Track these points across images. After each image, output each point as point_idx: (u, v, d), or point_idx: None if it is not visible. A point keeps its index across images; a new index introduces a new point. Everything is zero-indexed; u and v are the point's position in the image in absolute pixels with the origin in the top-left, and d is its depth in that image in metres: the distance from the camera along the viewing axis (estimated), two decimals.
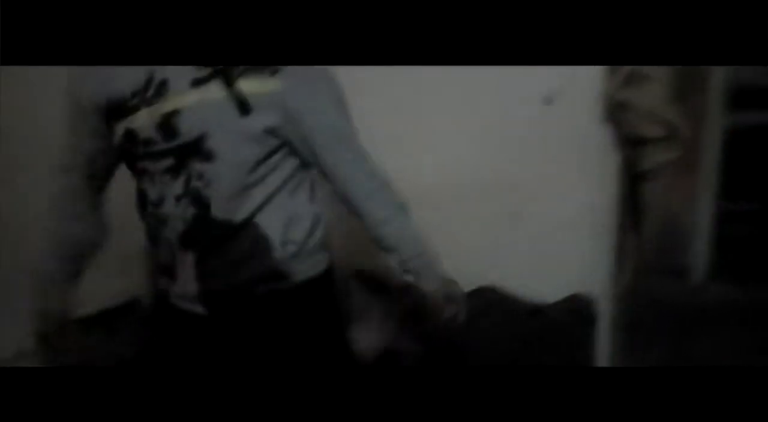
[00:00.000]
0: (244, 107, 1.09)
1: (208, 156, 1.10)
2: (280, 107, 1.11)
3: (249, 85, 1.08)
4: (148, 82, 1.09)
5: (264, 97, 1.09)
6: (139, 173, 1.18)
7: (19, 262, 2.29)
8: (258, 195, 1.16)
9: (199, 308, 1.21)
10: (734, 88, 2.87)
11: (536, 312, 2.02)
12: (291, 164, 1.19)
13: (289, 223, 1.19)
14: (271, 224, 1.17)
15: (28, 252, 2.36)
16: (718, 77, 2.52)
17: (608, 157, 2.06)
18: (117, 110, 1.13)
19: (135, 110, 1.11)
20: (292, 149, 1.17)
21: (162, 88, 1.09)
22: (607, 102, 1.98)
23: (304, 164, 1.22)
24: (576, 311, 2.04)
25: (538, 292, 2.04)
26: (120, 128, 1.14)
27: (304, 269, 1.23)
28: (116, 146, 1.18)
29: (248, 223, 1.16)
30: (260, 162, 1.14)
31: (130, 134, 1.13)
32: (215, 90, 1.08)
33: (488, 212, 2.04)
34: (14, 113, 2.30)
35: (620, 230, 2.18)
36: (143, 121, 1.11)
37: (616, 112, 1.97)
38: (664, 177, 2.23)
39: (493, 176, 2.07)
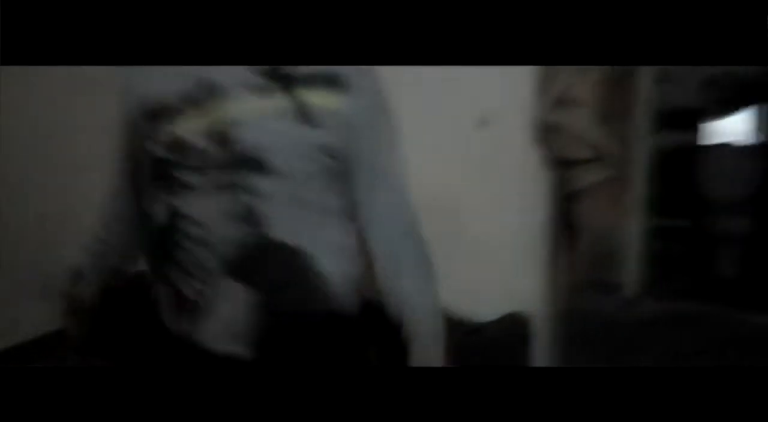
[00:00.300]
0: (307, 119, 1.02)
1: (265, 169, 1.01)
2: (341, 125, 1.06)
3: (313, 96, 1.03)
4: (198, 84, 1.01)
5: (327, 112, 1.04)
6: (174, 188, 1.04)
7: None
8: (310, 220, 1.07)
9: (243, 349, 1.06)
10: (662, 109, 2.98)
11: (474, 331, 2.05)
12: (338, 189, 1.11)
13: (338, 255, 1.11)
14: (324, 255, 1.08)
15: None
16: (646, 99, 2.62)
17: (542, 178, 2.11)
18: (161, 112, 1.03)
19: (182, 114, 1.01)
20: (338, 172, 1.10)
21: (215, 93, 1.01)
22: (538, 125, 2.04)
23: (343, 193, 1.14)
24: (513, 330, 2.08)
25: (476, 311, 2.07)
26: (163, 134, 1.03)
27: (348, 306, 1.14)
28: (152, 155, 1.06)
29: (302, 251, 1.06)
30: (314, 181, 1.06)
31: (175, 142, 1.02)
32: (277, 99, 1.01)
33: (425, 233, 2.07)
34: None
35: (555, 248, 2.23)
36: (193, 127, 1.01)
37: (547, 134, 2.04)
38: (595, 196, 2.31)
39: (429, 197, 2.10)
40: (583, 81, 2.06)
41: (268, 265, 1.04)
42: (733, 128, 4.47)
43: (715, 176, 3.91)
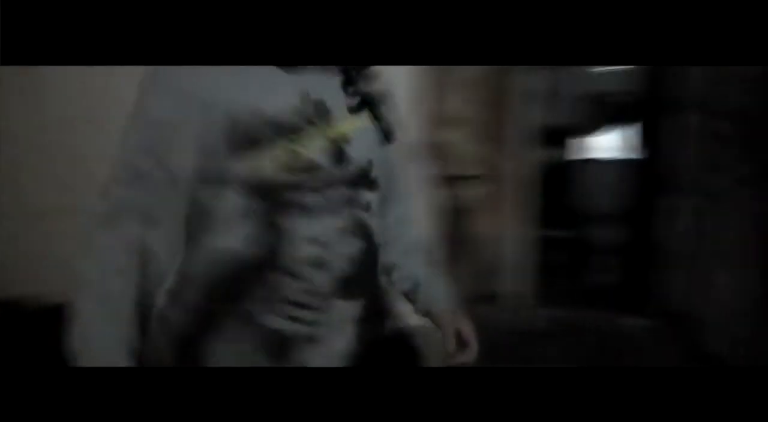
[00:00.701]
0: (387, 135, 1.07)
1: (373, 185, 1.04)
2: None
3: (387, 115, 1.09)
4: (305, 101, 0.98)
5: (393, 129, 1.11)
6: (280, 208, 0.97)
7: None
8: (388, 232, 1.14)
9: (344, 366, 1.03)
10: (543, 126, 3.14)
11: (371, 344, 2.07)
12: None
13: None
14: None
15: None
16: (528, 117, 2.77)
17: (432, 193, 2.19)
18: (275, 128, 0.95)
19: (299, 130, 0.96)
20: None
21: (323, 110, 0.99)
22: (426, 142, 2.12)
23: None
24: (409, 341, 2.12)
25: None
26: (277, 152, 0.95)
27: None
28: (254, 177, 0.96)
29: (390, 263, 1.13)
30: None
31: (295, 161, 0.96)
32: (366, 117, 1.04)
33: None
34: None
35: (447, 261, 2.31)
36: (311, 144, 0.97)
37: (434, 152, 2.12)
38: (483, 211, 2.41)
39: None
40: (466, 101, 2.16)
41: (373, 279, 1.05)
42: (611, 144, 4.77)
43: (594, 189, 4.16)
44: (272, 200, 0.95)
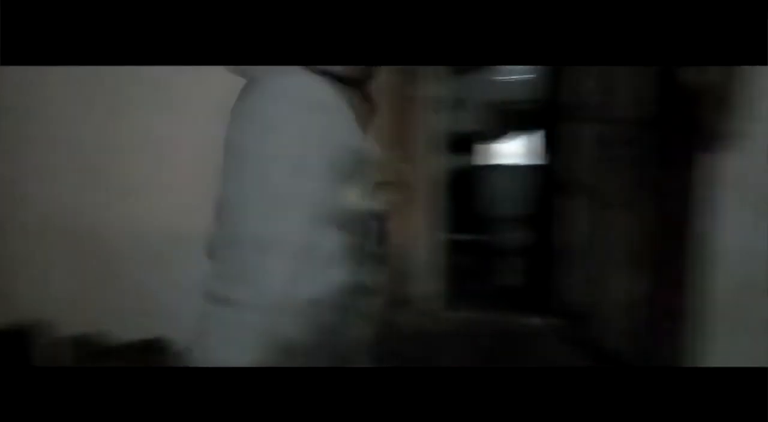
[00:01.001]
0: None
1: None
2: None
3: None
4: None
5: None
6: (363, 235, 1.02)
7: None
8: None
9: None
10: (449, 133, 3.20)
11: None
12: None
13: None
14: None
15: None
16: (434, 124, 2.82)
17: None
18: (360, 159, 0.98)
19: (369, 158, 1.02)
20: None
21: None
22: None
23: None
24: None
25: None
26: (364, 183, 0.99)
27: None
28: (350, 207, 0.97)
29: None
30: None
31: (377, 187, 1.04)
32: None
33: None
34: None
35: None
36: (375, 170, 1.04)
37: None
38: (392, 216, 2.43)
39: None
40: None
41: None
42: (514, 150, 4.93)
43: (499, 193, 4.30)
44: (361, 229, 0.99)
